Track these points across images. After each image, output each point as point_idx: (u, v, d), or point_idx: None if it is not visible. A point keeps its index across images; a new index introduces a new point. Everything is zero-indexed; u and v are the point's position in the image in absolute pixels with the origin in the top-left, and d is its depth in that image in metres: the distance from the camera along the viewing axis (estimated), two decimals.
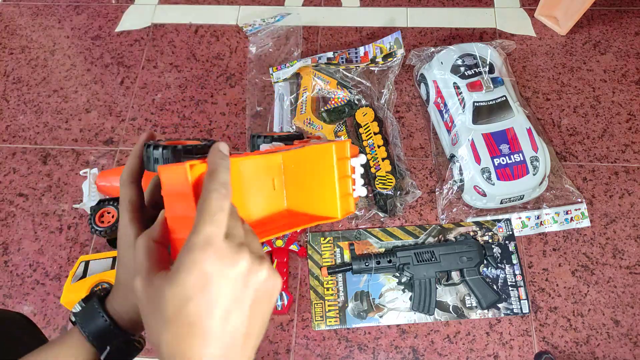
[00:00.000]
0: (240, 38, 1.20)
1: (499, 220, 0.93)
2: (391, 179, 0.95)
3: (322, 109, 1.06)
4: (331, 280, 0.90)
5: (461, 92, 0.95)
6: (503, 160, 0.90)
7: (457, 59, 0.99)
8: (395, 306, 0.88)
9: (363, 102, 1.05)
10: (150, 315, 0.29)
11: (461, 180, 0.92)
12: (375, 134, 1.00)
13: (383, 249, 0.92)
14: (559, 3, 1.13)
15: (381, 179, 0.95)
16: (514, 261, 0.90)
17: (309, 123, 1.03)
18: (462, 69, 0.98)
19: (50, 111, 1.12)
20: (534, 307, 0.87)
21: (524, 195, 0.91)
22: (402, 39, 1.10)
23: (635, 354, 0.83)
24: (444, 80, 0.98)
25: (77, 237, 0.97)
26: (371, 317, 0.87)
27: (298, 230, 0.94)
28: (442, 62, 1.00)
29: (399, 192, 0.95)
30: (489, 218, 0.94)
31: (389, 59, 1.09)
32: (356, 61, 1.11)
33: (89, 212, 0.89)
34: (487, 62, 0.98)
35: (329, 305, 0.88)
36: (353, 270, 0.88)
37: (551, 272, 0.90)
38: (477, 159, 0.90)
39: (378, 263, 0.87)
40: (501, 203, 0.92)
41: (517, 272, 0.89)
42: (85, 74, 1.17)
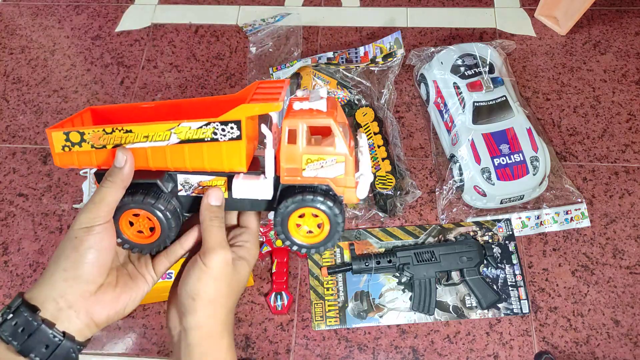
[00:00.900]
0: (240, 38, 1.20)
1: (499, 220, 0.93)
2: (391, 179, 0.95)
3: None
4: (331, 280, 0.90)
5: (461, 92, 0.95)
6: (503, 160, 0.90)
7: (457, 59, 0.99)
8: (395, 306, 0.88)
9: (363, 102, 1.05)
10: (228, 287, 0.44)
11: (461, 180, 0.92)
12: (375, 134, 1.00)
13: (383, 249, 0.92)
14: (559, 3, 1.13)
15: (381, 179, 0.95)
16: (514, 261, 0.90)
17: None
18: (462, 69, 0.98)
19: (50, 111, 1.12)
20: (534, 307, 0.87)
21: (524, 195, 0.91)
22: (402, 39, 1.10)
23: (635, 354, 0.83)
24: (444, 80, 0.99)
25: None
26: (371, 317, 0.87)
27: None
28: (442, 62, 1.00)
29: (399, 192, 0.96)
30: (489, 218, 0.94)
31: (389, 59, 1.09)
32: (356, 61, 1.11)
33: None
34: (487, 62, 0.98)
35: (329, 305, 0.88)
36: (353, 270, 0.88)
37: (551, 272, 0.90)
38: (477, 159, 0.90)
39: (378, 263, 0.87)
40: (501, 203, 0.92)
41: (517, 272, 0.89)
42: (85, 74, 1.17)
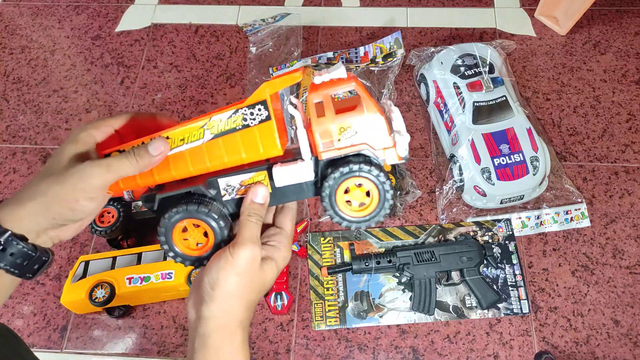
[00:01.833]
0: (240, 38, 1.20)
1: (499, 220, 0.93)
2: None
3: None
4: (331, 280, 0.90)
5: (461, 92, 0.95)
6: (503, 160, 0.90)
7: (457, 59, 0.99)
8: (395, 306, 0.88)
9: None
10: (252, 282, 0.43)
11: (461, 180, 0.92)
12: None
13: (383, 249, 0.92)
14: (559, 3, 1.13)
15: None
16: (514, 261, 0.90)
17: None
18: (462, 69, 0.98)
19: (50, 111, 1.12)
20: (534, 307, 0.87)
21: (524, 195, 0.91)
22: (402, 39, 1.10)
23: (635, 354, 0.83)
24: (444, 80, 0.98)
25: (77, 237, 0.97)
26: (371, 317, 0.87)
27: (298, 230, 0.94)
28: (442, 62, 1.00)
29: (399, 192, 0.95)
30: (489, 218, 0.94)
31: (389, 59, 1.09)
32: (356, 61, 1.11)
33: None
34: (487, 62, 0.98)
35: (329, 305, 0.88)
36: (353, 270, 0.88)
37: (551, 272, 0.90)
38: (477, 159, 0.90)
39: (378, 263, 0.87)
40: (501, 203, 0.92)
41: (517, 272, 0.89)
42: (85, 74, 1.17)
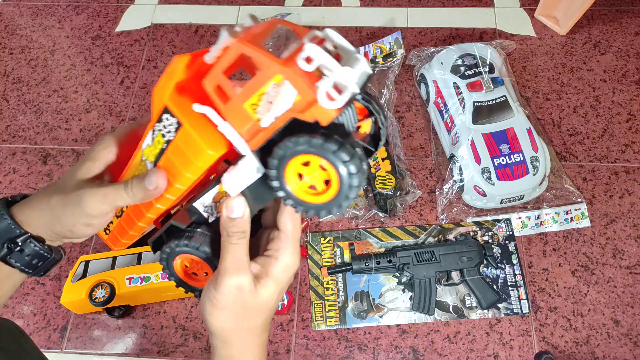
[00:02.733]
0: None
1: (499, 220, 0.93)
2: (391, 179, 0.95)
3: None
4: (331, 280, 0.90)
5: (461, 92, 0.95)
6: (503, 160, 0.90)
7: (457, 59, 0.99)
8: (395, 306, 0.88)
9: None
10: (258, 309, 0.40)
11: (461, 180, 0.92)
12: None
13: (383, 249, 0.92)
14: (559, 3, 1.13)
15: (381, 179, 0.95)
16: (514, 261, 0.90)
17: None
18: (462, 69, 0.98)
19: (50, 111, 1.12)
20: (534, 307, 0.87)
21: (524, 195, 0.91)
22: (402, 39, 1.10)
23: (635, 354, 0.83)
24: (444, 80, 0.98)
25: None
26: (371, 317, 0.87)
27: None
28: (442, 62, 1.00)
29: (399, 192, 0.96)
30: (489, 218, 0.94)
31: (389, 59, 1.09)
32: None
33: None
34: (487, 62, 0.98)
35: (329, 305, 0.88)
36: (353, 270, 0.88)
37: (551, 272, 0.90)
38: (477, 159, 0.90)
39: (378, 263, 0.87)
40: (501, 203, 0.92)
41: (517, 272, 0.89)
42: (85, 74, 1.17)
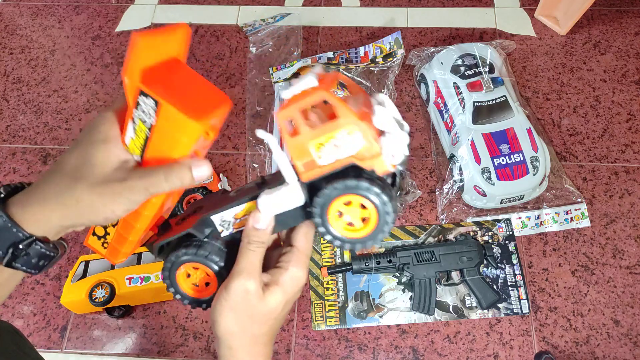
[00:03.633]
0: (240, 38, 1.20)
1: (499, 220, 0.93)
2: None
3: None
4: (331, 280, 0.90)
5: (461, 92, 0.95)
6: (503, 160, 0.90)
7: (457, 59, 0.99)
8: (395, 306, 0.88)
9: None
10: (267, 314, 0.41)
11: (461, 180, 0.92)
12: None
13: (383, 249, 0.92)
14: (559, 3, 1.13)
15: None
16: (514, 261, 0.90)
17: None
18: (462, 69, 0.98)
19: (50, 111, 1.12)
20: (534, 307, 0.87)
21: (524, 195, 0.91)
22: (402, 39, 1.10)
23: (635, 354, 0.83)
24: (444, 80, 0.98)
25: (77, 237, 0.97)
26: (371, 317, 0.87)
27: None
28: (442, 62, 1.00)
29: (399, 192, 0.95)
30: (489, 218, 0.94)
31: (389, 59, 1.09)
32: (356, 61, 1.11)
33: None
34: (487, 62, 0.98)
35: (329, 305, 0.88)
36: (353, 270, 0.88)
37: (551, 272, 0.90)
38: (477, 159, 0.90)
39: (378, 263, 0.87)
40: (501, 203, 0.92)
41: (517, 272, 0.89)
42: (85, 74, 1.17)
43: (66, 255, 0.95)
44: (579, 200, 0.95)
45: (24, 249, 0.37)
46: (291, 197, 0.38)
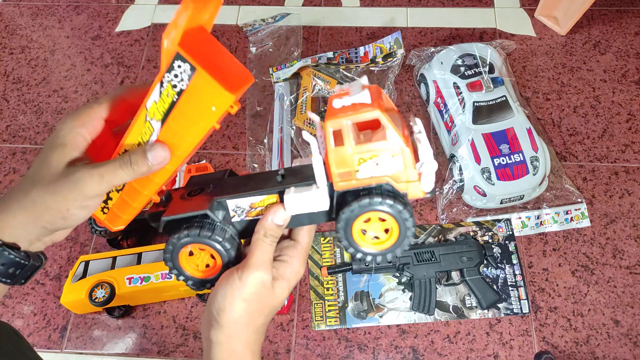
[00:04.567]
0: (240, 38, 1.20)
1: (499, 220, 0.93)
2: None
3: (323, 109, 1.06)
4: (331, 280, 0.90)
5: (461, 92, 0.95)
6: (503, 160, 0.90)
7: (457, 59, 0.99)
8: (395, 306, 0.88)
9: None
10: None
11: (461, 180, 0.92)
12: None
13: None
14: (559, 3, 1.13)
15: None
16: (514, 261, 0.90)
17: (309, 123, 1.03)
18: (462, 69, 0.98)
19: (50, 111, 1.12)
20: (534, 307, 0.87)
21: (524, 195, 0.91)
22: (402, 39, 1.10)
23: (635, 354, 0.83)
24: (444, 80, 0.98)
25: (77, 237, 0.97)
26: (371, 317, 0.87)
27: None
28: (442, 62, 1.00)
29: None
30: (489, 218, 0.94)
31: (389, 59, 1.09)
32: (356, 61, 1.11)
33: None
34: (487, 62, 0.98)
35: (329, 305, 0.88)
36: (353, 270, 0.88)
37: (551, 272, 0.90)
38: (477, 159, 0.90)
39: (378, 263, 0.87)
40: (501, 203, 0.92)
41: (517, 272, 0.89)
42: (85, 74, 1.17)
43: (66, 255, 0.95)
44: (579, 200, 0.95)
45: None
46: (319, 200, 0.40)
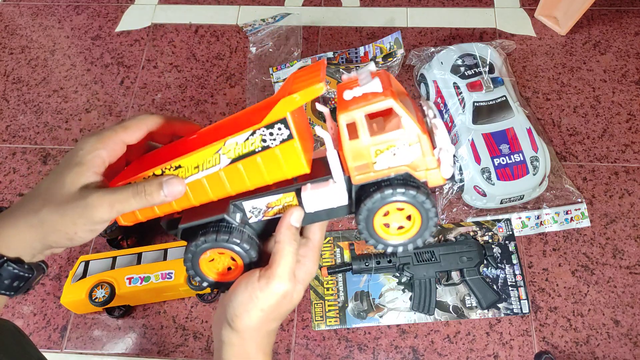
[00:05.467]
0: (240, 38, 1.20)
1: (499, 220, 0.93)
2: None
3: (321, 111, 1.06)
4: (331, 280, 0.90)
5: (461, 92, 0.95)
6: (503, 160, 0.90)
7: (457, 59, 0.99)
8: (395, 306, 0.88)
9: None
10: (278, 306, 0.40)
11: (461, 180, 0.92)
12: None
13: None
14: (559, 3, 1.13)
15: None
16: (514, 261, 0.90)
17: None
18: (462, 69, 0.98)
19: (50, 111, 1.12)
20: (534, 307, 0.87)
21: (524, 195, 0.91)
22: (402, 39, 1.10)
23: (635, 354, 0.83)
24: (444, 80, 0.98)
25: None
26: (371, 317, 0.87)
27: None
28: (442, 62, 1.00)
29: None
30: (489, 218, 0.94)
31: (389, 59, 1.09)
32: (356, 61, 1.11)
33: None
34: (487, 62, 0.98)
35: (329, 305, 0.88)
36: (353, 270, 0.88)
37: (551, 272, 0.90)
38: (477, 159, 0.90)
39: (378, 263, 0.87)
40: (501, 203, 0.92)
41: (517, 272, 0.89)
42: (85, 74, 1.17)
43: (66, 255, 0.95)
44: (579, 200, 0.95)
45: None
46: (337, 195, 0.39)
